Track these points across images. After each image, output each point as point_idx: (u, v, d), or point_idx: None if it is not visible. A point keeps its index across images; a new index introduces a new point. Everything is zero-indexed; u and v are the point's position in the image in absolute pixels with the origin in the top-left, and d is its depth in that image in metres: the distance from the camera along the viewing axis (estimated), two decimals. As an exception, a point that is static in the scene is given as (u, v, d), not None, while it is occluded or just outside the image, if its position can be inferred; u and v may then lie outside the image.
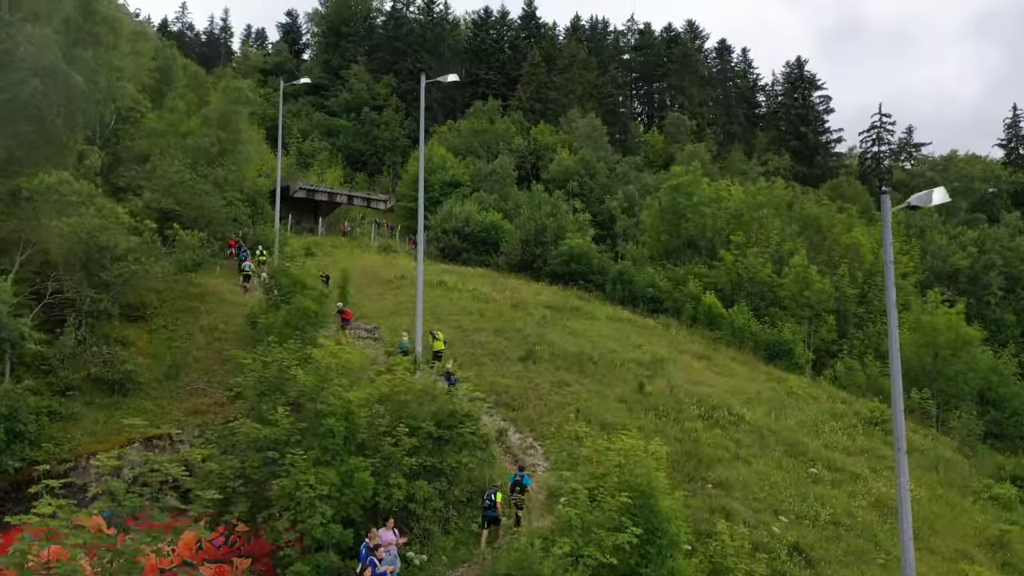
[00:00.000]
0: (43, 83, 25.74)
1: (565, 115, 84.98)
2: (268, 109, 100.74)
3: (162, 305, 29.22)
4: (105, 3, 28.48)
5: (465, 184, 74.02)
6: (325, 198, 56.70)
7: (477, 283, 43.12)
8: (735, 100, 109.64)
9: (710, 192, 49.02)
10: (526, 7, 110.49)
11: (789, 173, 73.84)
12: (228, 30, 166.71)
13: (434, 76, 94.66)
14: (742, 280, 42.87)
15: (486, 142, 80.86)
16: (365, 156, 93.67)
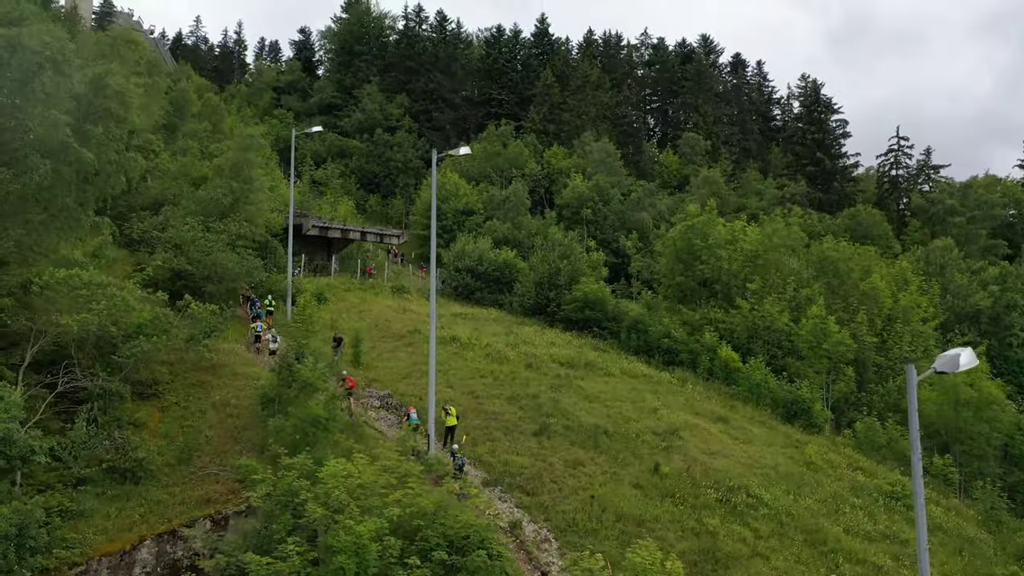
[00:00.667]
0: (54, 164, 25.62)
1: (579, 138, 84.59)
2: (281, 131, 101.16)
3: (174, 380, 29.06)
4: (114, 77, 28.28)
5: (478, 211, 73.85)
6: (338, 235, 56.53)
7: (491, 332, 42.82)
8: (750, 115, 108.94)
9: (725, 234, 48.48)
10: (539, 24, 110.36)
11: (805, 199, 73.08)
12: (242, 43, 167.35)
13: (447, 95, 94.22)
14: (758, 329, 42.35)
15: (499, 166, 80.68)
16: (378, 178, 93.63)
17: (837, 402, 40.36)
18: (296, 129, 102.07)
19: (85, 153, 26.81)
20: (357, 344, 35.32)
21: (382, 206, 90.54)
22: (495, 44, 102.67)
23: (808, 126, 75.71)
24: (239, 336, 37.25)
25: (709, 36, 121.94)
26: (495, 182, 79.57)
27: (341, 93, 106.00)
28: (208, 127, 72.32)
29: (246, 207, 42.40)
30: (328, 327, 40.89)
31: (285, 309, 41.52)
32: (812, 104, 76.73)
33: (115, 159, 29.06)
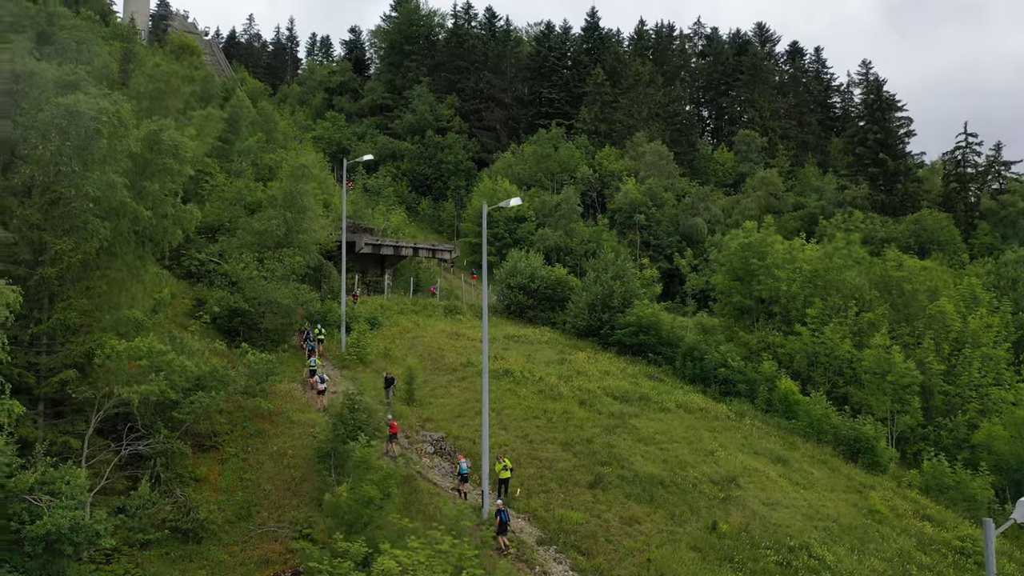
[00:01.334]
0: (113, 224, 26.10)
1: (631, 138, 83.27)
2: (334, 133, 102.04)
3: (233, 430, 29.55)
4: (168, 132, 28.59)
5: (530, 218, 73.44)
6: (391, 251, 56.76)
7: (544, 359, 42.54)
8: (808, 106, 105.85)
9: (783, 252, 47.17)
10: (589, 18, 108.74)
11: (867, 202, 70.73)
12: (294, 39, 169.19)
13: (496, 95, 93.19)
14: (819, 356, 41.20)
15: (550, 170, 79.95)
16: (429, 180, 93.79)
17: (902, 434, 39.08)
18: (348, 131, 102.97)
19: (143, 212, 27.29)
20: (411, 381, 35.41)
21: (433, 209, 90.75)
22: (545, 41, 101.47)
23: (870, 125, 73.01)
24: (296, 369, 37.68)
25: (765, 24, 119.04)
26: (546, 186, 78.98)
27: (392, 94, 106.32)
28: (262, 138, 73.20)
29: (299, 236, 42.77)
30: (381, 356, 41.21)
31: (339, 339, 41.88)
32: (874, 102, 73.91)
33: (172, 213, 29.51)
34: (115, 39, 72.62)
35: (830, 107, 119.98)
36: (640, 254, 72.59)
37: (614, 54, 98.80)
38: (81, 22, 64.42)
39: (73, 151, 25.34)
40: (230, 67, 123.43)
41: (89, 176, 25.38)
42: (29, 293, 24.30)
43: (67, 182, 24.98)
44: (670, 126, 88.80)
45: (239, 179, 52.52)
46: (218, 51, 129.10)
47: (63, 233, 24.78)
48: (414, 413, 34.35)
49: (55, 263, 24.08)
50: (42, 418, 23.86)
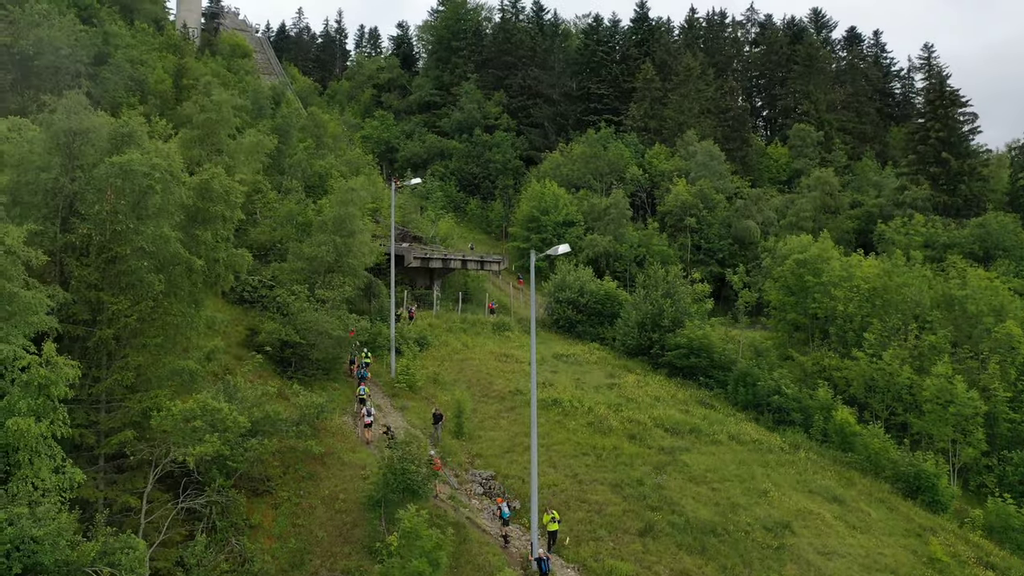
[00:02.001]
0: (166, 276, 26.56)
1: (682, 137, 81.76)
2: (383, 132, 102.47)
3: (285, 473, 30.02)
4: (219, 179, 28.89)
5: (578, 222, 72.81)
6: (439, 264, 56.86)
7: (593, 382, 42.27)
8: (866, 94, 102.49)
9: (840, 270, 45.86)
10: (638, 8, 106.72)
11: (928, 203, 68.29)
12: (342, 32, 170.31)
13: (544, 91, 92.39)
14: (877, 383, 40.06)
15: (599, 170, 79.04)
16: (477, 179, 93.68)
17: (965, 465, 37.85)
18: (396, 129, 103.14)
19: (196, 261, 27.67)
20: (460, 414, 35.51)
21: (482, 209, 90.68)
22: (593, 34, 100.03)
23: (932, 123, 70.25)
24: (347, 398, 38.10)
25: (820, 10, 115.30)
26: (595, 188, 78.16)
27: (439, 90, 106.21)
28: (311, 144, 73.95)
29: (349, 260, 43.08)
30: (431, 381, 41.38)
31: (388, 361, 42.16)
32: (936, 99, 71.02)
33: (224, 258, 29.89)
34: (168, 50, 73.87)
35: (889, 94, 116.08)
36: (691, 258, 71.49)
37: (664, 46, 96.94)
38: (135, 39, 65.57)
39: (128, 208, 25.80)
40: (280, 65, 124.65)
41: (143, 231, 25.83)
42: (88, 354, 24.93)
43: (123, 240, 25.43)
44: (722, 122, 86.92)
45: (289, 197, 53.06)
46: (268, 48, 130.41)
47: (119, 291, 25.29)
48: (463, 448, 34.45)
49: (112, 323, 24.60)
50: (102, 476, 24.51)
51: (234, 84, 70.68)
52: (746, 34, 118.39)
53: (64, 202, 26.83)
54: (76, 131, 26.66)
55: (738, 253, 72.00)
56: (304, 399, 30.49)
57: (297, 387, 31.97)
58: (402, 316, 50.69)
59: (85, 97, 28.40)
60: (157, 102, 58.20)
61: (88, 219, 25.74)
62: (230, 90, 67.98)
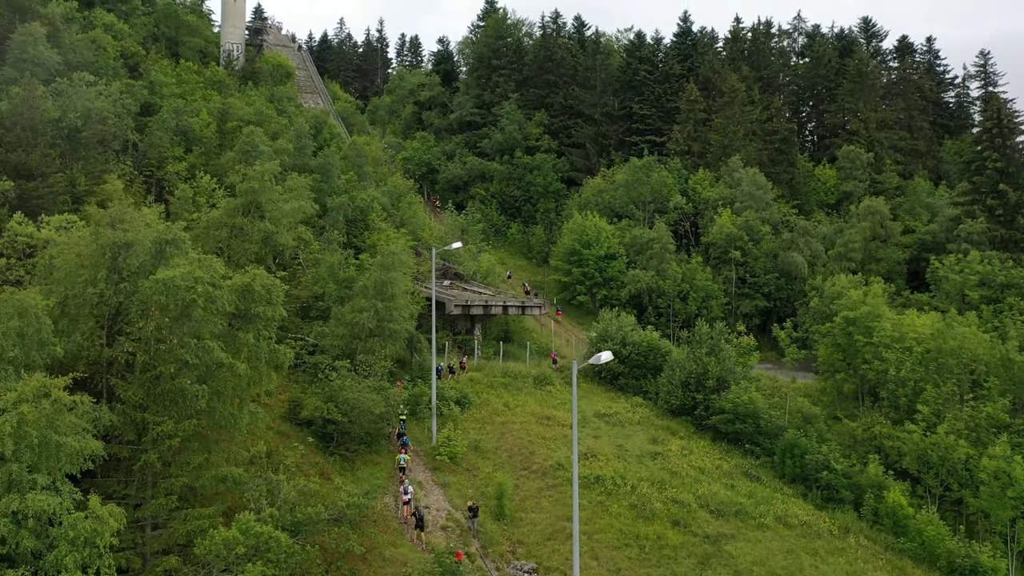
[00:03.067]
0: (210, 387, 26.76)
1: (726, 162, 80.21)
2: (423, 154, 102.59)
3: (327, 572, 30.09)
4: (260, 279, 29.02)
5: (620, 256, 72.02)
6: (480, 311, 56.70)
7: (636, 449, 41.75)
8: (918, 108, 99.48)
9: (891, 330, 44.49)
10: (681, 22, 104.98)
11: (985, 237, 65.95)
12: (384, 40, 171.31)
13: (586, 110, 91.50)
14: (931, 457, 38.80)
15: (641, 198, 77.93)
16: (519, 202, 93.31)
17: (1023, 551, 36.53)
18: (436, 150, 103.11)
19: (239, 366, 27.82)
20: (501, 496, 35.33)
21: (522, 234, 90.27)
22: (635, 52, 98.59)
23: (989, 151, 67.72)
24: (389, 473, 38.16)
25: (871, 19, 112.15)
26: (637, 218, 77.16)
27: (480, 109, 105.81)
28: (353, 176, 74.30)
29: (390, 325, 43.11)
30: (472, 449, 41.21)
31: (430, 424, 42.14)
32: (993, 127, 68.38)
33: (266, 357, 30.02)
34: (212, 86, 74.73)
35: (943, 104, 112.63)
36: (735, 291, 70.21)
37: (708, 63, 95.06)
38: (179, 83, 66.43)
39: (171, 323, 26.02)
40: (321, 81, 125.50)
41: (187, 344, 26.05)
42: (132, 475, 25.24)
43: (167, 357, 25.67)
44: (768, 144, 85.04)
45: (330, 249, 53.20)
46: (310, 63, 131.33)
47: (163, 408, 25.55)
48: (504, 533, 34.26)
49: (156, 445, 24.85)
50: (148, 599, 24.82)
51: (275, 122, 71.10)
52: (792, 44, 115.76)
53: (110, 313, 27.20)
54: (121, 244, 26.95)
55: (785, 287, 70.54)
56: (346, 497, 30.57)
57: (339, 480, 32.04)
58: (454, 367, 50.79)
59: (130, 204, 28.69)
60: (202, 149, 58.88)
61: (132, 335, 26.03)
62: (270, 124, 68.70)
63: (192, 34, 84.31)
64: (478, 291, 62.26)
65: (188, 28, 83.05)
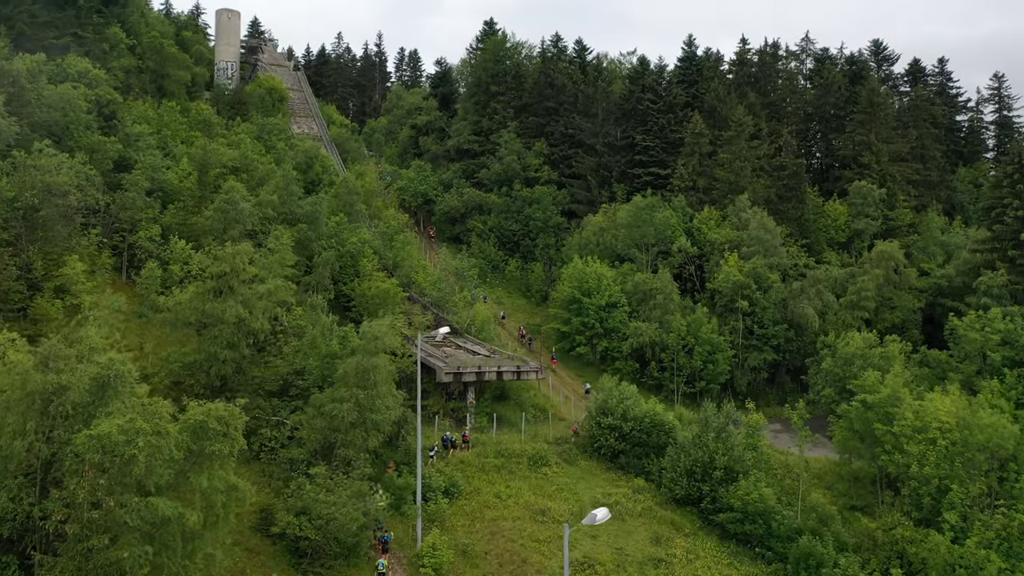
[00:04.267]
0: (156, 546, 23.81)
1: (733, 201, 76.92)
2: (419, 184, 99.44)
3: None
4: (216, 413, 25.91)
5: (621, 305, 68.88)
6: (473, 378, 53.58)
7: (637, 551, 38.59)
8: (930, 135, 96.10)
9: (913, 419, 41.25)
10: (686, 46, 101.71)
11: (1006, 291, 62.66)
12: (382, 55, 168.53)
13: (587, 139, 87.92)
14: (957, 571, 35.59)
15: (644, 239, 74.67)
16: (517, 236, 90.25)
17: None
18: (433, 179, 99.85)
19: (189, 515, 24.78)
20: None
21: (521, 271, 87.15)
22: (638, 80, 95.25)
23: (1010, 199, 64.24)
24: None
25: (881, 42, 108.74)
26: (640, 261, 73.94)
27: (478, 136, 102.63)
28: (343, 218, 71.29)
29: (372, 416, 39.98)
30: (460, 555, 38.12)
31: (414, 526, 39.11)
32: (1014, 172, 64.87)
33: (222, 499, 26.97)
34: (198, 126, 71.69)
35: (956, 129, 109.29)
36: (742, 343, 66.97)
37: (714, 92, 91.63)
38: (160, 128, 63.47)
39: (108, 484, 23.00)
40: (316, 105, 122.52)
41: (127, 503, 23.03)
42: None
43: (102, 525, 22.63)
44: (776, 181, 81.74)
45: (314, 315, 50.04)
46: (305, 84, 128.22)
47: None
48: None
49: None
50: None
51: (261, 163, 68.03)
52: (800, 66, 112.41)
53: (41, 464, 24.15)
54: (53, 389, 23.88)
55: (795, 338, 67.34)
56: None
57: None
58: (456, 440, 47.78)
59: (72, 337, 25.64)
60: (181, 205, 55.82)
61: (64, 498, 22.98)
62: (255, 169, 65.58)
63: (179, 67, 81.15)
64: (472, 349, 59.15)
65: (175, 61, 79.86)
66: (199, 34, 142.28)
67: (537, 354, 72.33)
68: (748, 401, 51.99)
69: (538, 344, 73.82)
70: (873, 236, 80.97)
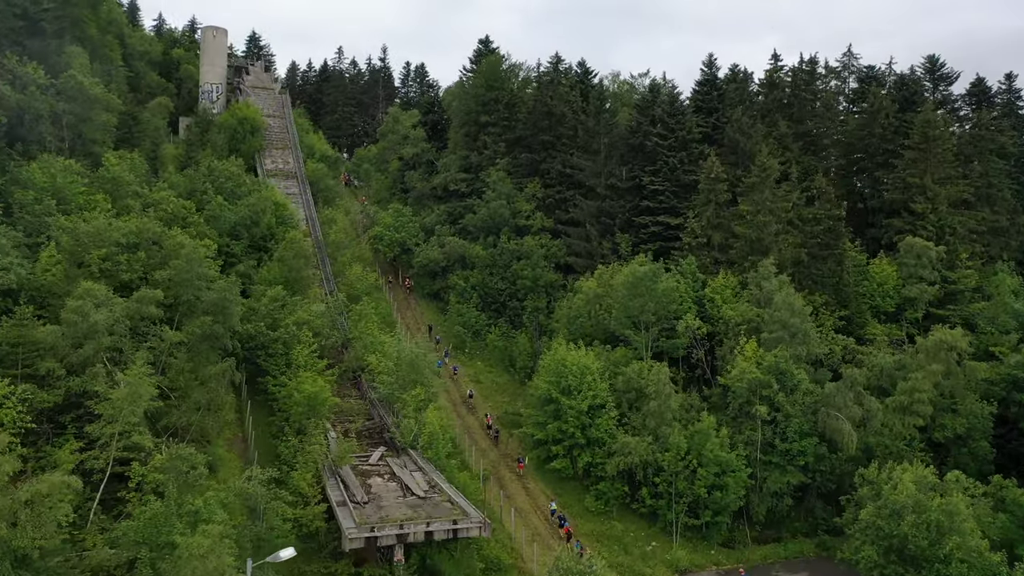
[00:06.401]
0: None
1: (754, 266, 62.95)
2: (395, 232, 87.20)
3: None
4: None
5: (608, 406, 55.70)
6: (393, 540, 40.77)
7: None
8: (999, 172, 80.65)
9: None
10: (705, 68, 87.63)
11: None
12: (387, 70, 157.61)
13: (588, 180, 73.69)
14: None
15: (643, 316, 61.07)
16: (503, 296, 77.43)
17: None
18: (414, 225, 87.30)
19: None
20: None
21: (504, 340, 74.25)
22: (647, 110, 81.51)
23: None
24: None
25: (937, 57, 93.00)
26: (635, 344, 60.49)
27: (467, 173, 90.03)
28: (279, 292, 60.17)
29: None
30: None
31: None
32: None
33: None
34: (104, 189, 60.36)
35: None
36: (760, 459, 53.21)
37: (736, 124, 77.40)
38: (33, 201, 52.27)
39: None
40: (296, 133, 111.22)
41: None
42: None
43: None
44: (809, 238, 67.51)
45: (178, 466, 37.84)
46: (288, 108, 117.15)
47: None
48: None
49: None
50: None
51: (168, 240, 56.26)
52: (842, 86, 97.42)
53: None
54: None
55: (827, 456, 53.36)
56: None
57: None
58: None
59: None
60: (21, 314, 43.86)
61: None
62: (159, 247, 54.11)
63: (105, 108, 69.68)
64: (407, 482, 46.49)
65: (98, 102, 68.40)
66: (192, 51, 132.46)
67: (503, 455, 59.77)
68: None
69: (505, 440, 61.17)
70: (928, 303, 66.41)
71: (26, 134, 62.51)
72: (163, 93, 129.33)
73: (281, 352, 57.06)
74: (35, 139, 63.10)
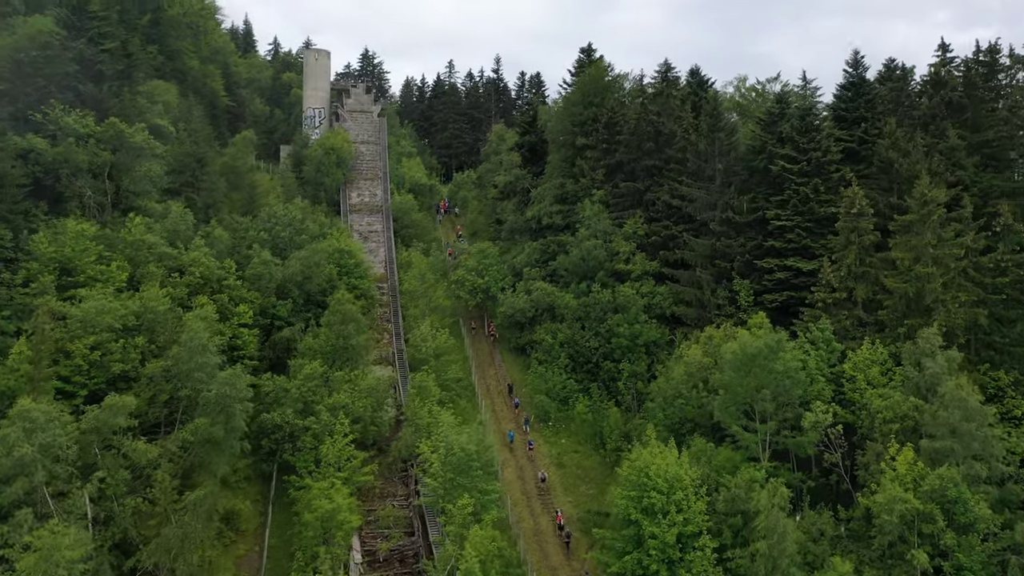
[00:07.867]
0: None
1: (912, 335, 47.35)
2: (477, 278, 76.98)
3: None
4: None
5: (704, 535, 42.40)
6: None
7: None
8: None
9: None
10: (850, 68, 71.07)
11: None
12: (500, 82, 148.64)
13: (702, 213, 56.90)
14: None
15: (756, 403, 47.23)
16: (596, 356, 65.75)
17: None
18: (498, 269, 76.77)
19: None
20: None
21: (594, 413, 61.97)
22: (773, 125, 66.65)
23: None
24: None
25: None
26: (744, 442, 46.75)
27: (562, 205, 78.19)
28: (316, 368, 51.55)
29: None
30: None
31: None
32: None
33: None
34: (123, 254, 53.69)
35: None
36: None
37: (889, 138, 60.88)
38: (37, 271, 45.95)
39: None
40: (387, 162, 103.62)
41: None
42: None
43: None
44: (991, 292, 50.70)
45: None
46: (383, 134, 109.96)
47: None
48: None
49: None
50: None
51: (173, 321, 48.49)
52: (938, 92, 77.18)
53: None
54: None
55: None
56: None
57: None
58: None
59: None
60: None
61: None
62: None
63: (148, 156, 63.61)
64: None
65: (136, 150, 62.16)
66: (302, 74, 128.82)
67: (577, 574, 47.89)
68: None
69: (580, 550, 49.16)
70: None
71: (63, 189, 57.20)
72: (268, 120, 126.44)
73: (311, 446, 48.14)
74: (73, 194, 57.68)
